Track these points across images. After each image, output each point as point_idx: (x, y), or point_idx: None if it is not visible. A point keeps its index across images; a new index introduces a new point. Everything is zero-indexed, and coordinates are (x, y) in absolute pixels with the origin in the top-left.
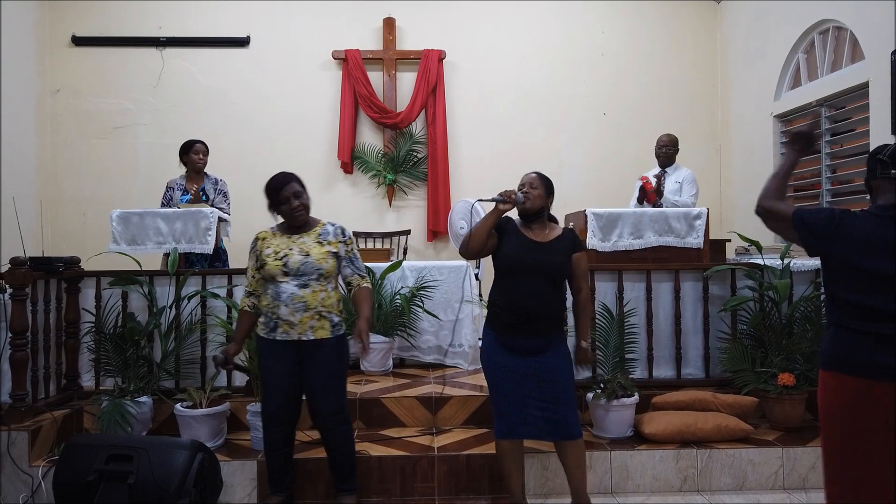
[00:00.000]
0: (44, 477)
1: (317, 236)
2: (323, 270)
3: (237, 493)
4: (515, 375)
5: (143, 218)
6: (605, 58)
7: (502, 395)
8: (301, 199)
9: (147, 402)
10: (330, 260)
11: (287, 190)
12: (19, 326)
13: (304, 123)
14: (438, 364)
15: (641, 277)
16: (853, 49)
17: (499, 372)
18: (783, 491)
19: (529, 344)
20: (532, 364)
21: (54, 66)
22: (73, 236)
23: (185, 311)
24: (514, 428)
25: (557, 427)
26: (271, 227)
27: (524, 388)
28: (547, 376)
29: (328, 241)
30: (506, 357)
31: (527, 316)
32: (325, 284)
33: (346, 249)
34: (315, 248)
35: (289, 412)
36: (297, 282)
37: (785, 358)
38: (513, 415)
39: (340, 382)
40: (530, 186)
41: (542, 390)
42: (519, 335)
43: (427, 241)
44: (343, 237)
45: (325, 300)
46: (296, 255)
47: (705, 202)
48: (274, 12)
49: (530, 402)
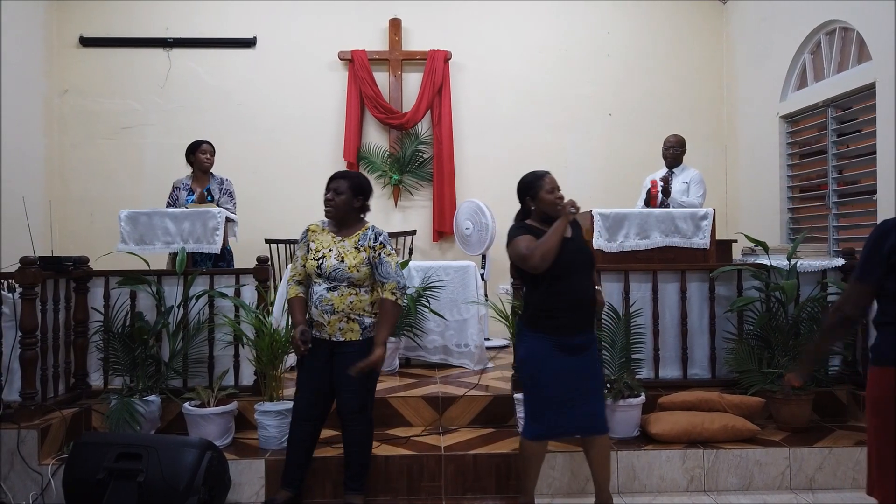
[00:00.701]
0: (53, 475)
1: (356, 241)
2: (354, 279)
3: (245, 492)
4: (568, 378)
5: (151, 218)
6: (611, 58)
7: (546, 398)
8: (336, 196)
9: (155, 400)
10: (363, 268)
11: (331, 184)
12: (29, 325)
13: (310, 124)
14: (444, 364)
15: (648, 278)
16: (860, 49)
17: (550, 375)
18: (790, 491)
19: (584, 339)
20: (582, 360)
21: (62, 67)
22: (80, 236)
23: (193, 310)
24: (550, 430)
25: (593, 420)
26: (322, 221)
27: (571, 386)
28: (591, 370)
29: (364, 247)
30: (559, 359)
31: (584, 310)
32: (356, 289)
33: (374, 254)
34: (351, 255)
35: (317, 409)
36: (328, 285)
37: (792, 358)
38: (552, 417)
39: (366, 383)
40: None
41: (586, 384)
42: (577, 333)
43: (433, 242)
44: (374, 242)
45: (354, 304)
46: (332, 258)
47: (711, 203)
48: (280, 13)
49: (572, 400)
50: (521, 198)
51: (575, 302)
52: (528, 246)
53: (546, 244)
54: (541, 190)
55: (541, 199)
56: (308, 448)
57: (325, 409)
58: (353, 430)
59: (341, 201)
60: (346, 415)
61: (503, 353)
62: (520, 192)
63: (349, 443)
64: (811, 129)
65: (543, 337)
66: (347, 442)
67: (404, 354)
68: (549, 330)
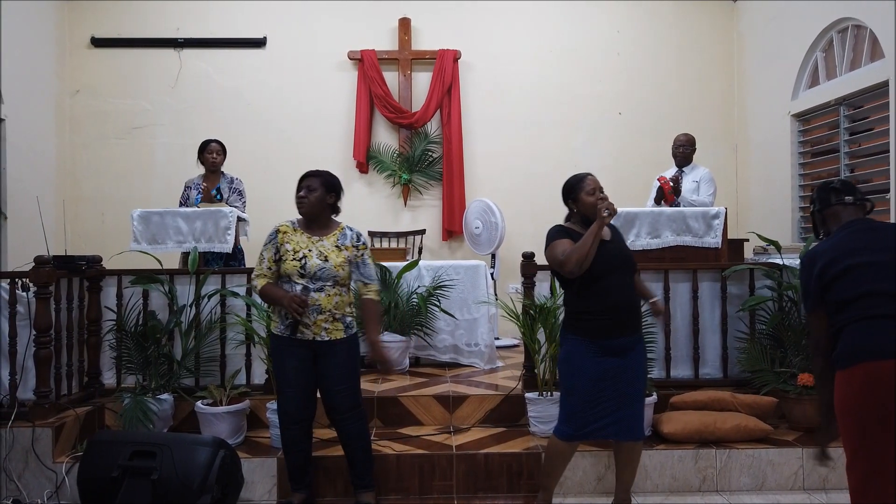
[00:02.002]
0: (68, 473)
1: (335, 240)
2: (339, 278)
3: (257, 490)
4: (604, 379)
5: (163, 217)
6: (621, 57)
7: (582, 399)
8: (309, 193)
9: (168, 399)
10: (346, 267)
11: (303, 182)
12: (43, 324)
13: (320, 123)
14: (455, 363)
15: (659, 277)
16: (873, 47)
17: (584, 378)
18: (803, 491)
19: (625, 342)
20: (623, 363)
21: (73, 68)
22: (92, 235)
23: (205, 309)
24: (581, 432)
25: (630, 425)
26: (291, 221)
27: (610, 390)
28: (633, 374)
29: (345, 247)
30: (597, 362)
31: (624, 313)
32: (339, 289)
33: (356, 254)
34: (333, 254)
35: (304, 409)
36: (314, 285)
37: (804, 358)
38: (585, 419)
39: (354, 379)
40: (601, 191)
41: (623, 389)
42: (618, 335)
43: (442, 241)
44: (357, 241)
45: (339, 304)
46: (314, 258)
47: (722, 202)
48: (290, 13)
49: (609, 404)
50: (565, 201)
51: (611, 304)
52: (564, 251)
53: (581, 249)
54: (581, 192)
55: (581, 201)
56: (305, 449)
57: (312, 410)
58: (352, 428)
59: (315, 198)
60: (343, 413)
61: (513, 352)
62: (563, 195)
63: (350, 441)
64: (823, 128)
65: (580, 339)
66: (347, 441)
67: (414, 353)
68: (585, 332)
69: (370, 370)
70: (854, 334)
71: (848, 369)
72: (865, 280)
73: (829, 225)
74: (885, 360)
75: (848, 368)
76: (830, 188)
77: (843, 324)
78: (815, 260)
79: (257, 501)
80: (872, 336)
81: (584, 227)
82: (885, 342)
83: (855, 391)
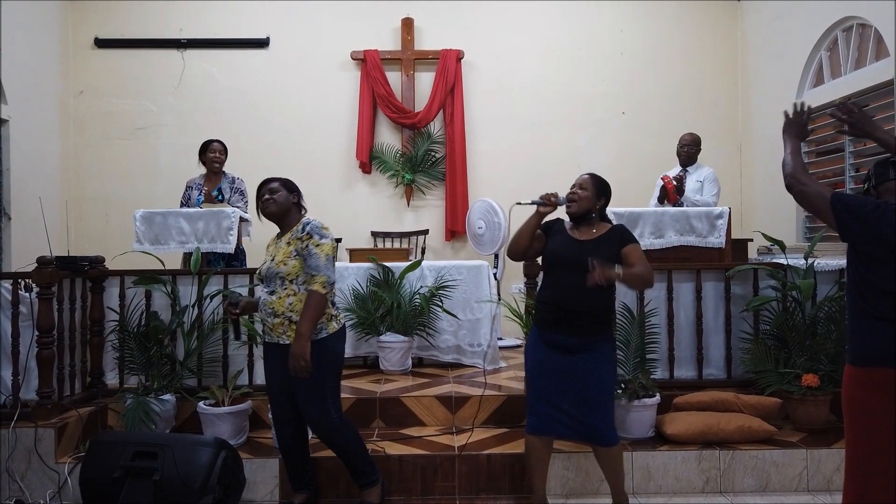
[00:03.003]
0: (70, 473)
1: (289, 236)
2: (282, 273)
3: (259, 491)
4: (549, 372)
5: (165, 218)
6: (624, 57)
7: (534, 390)
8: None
9: (170, 399)
10: (290, 261)
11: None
12: (46, 325)
13: (323, 123)
14: (457, 364)
15: (662, 277)
16: (878, 46)
17: (534, 367)
18: (807, 493)
19: (567, 341)
20: (567, 362)
21: (77, 68)
22: (96, 236)
23: (208, 310)
24: (543, 425)
25: (588, 431)
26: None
27: (556, 385)
28: (579, 376)
29: (293, 240)
30: (543, 352)
31: (564, 311)
32: (291, 287)
33: (301, 246)
34: (281, 251)
35: (289, 411)
36: (267, 288)
37: (809, 359)
38: (542, 411)
39: (320, 390)
40: (580, 188)
41: (574, 390)
42: (558, 331)
43: (445, 241)
44: (302, 232)
45: (293, 305)
46: (268, 261)
47: (726, 202)
48: (293, 13)
49: (560, 401)
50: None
51: (557, 301)
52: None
53: (517, 232)
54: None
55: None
56: (299, 449)
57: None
58: (326, 439)
59: (280, 197)
60: (311, 423)
61: (516, 352)
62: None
63: (334, 449)
64: (828, 127)
65: (534, 329)
66: (332, 449)
67: (417, 354)
68: (538, 322)
69: (371, 371)
70: (884, 336)
71: (866, 368)
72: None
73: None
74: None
75: (866, 368)
76: (890, 162)
77: (874, 316)
78: (887, 216)
79: (259, 502)
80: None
81: (572, 223)
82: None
83: (870, 394)
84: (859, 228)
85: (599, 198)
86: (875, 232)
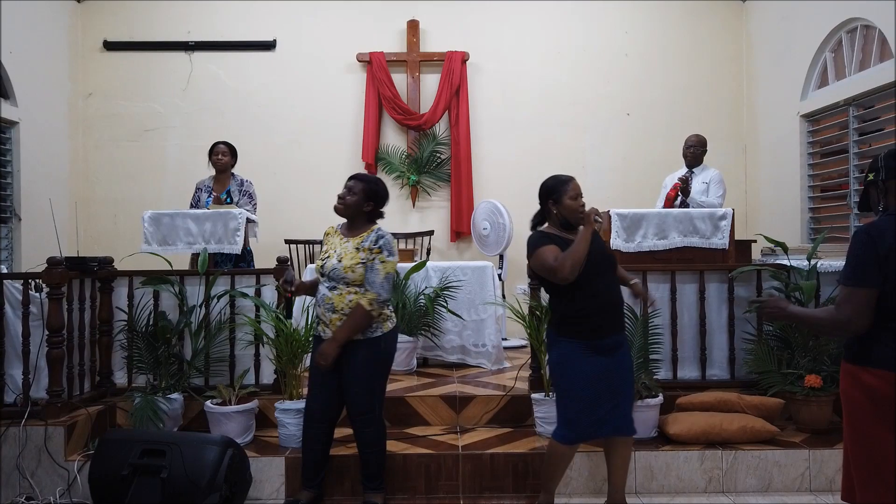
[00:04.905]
0: (79, 471)
1: (359, 242)
2: (348, 280)
3: (265, 489)
4: (597, 379)
5: (173, 219)
6: (629, 58)
7: (581, 403)
8: (348, 194)
9: (178, 398)
10: (358, 269)
11: (348, 181)
12: (56, 324)
13: (329, 125)
14: (462, 364)
15: (666, 278)
16: (882, 48)
17: (584, 380)
18: (810, 493)
19: (616, 340)
20: (613, 361)
21: (86, 71)
22: (105, 237)
23: (215, 310)
24: (583, 434)
25: (625, 420)
26: (339, 225)
27: (605, 386)
28: (623, 370)
29: (364, 249)
30: (591, 363)
31: (610, 313)
32: (355, 288)
33: (369, 257)
34: (349, 255)
35: (327, 410)
36: (329, 284)
37: (812, 359)
38: (586, 421)
39: (369, 383)
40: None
41: (617, 385)
42: (606, 334)
43: (450, 242)
44: (374, 244)
45: (352, 303)
46: (333, 259)
47: (731, 203)
48: (299, 16)
49: (609, 399)
50: (543, 201)
51: (603, 305)
52: (556, 257)
53: (575, 255)
54: (565, 195)
55: (564, 204)
56: (324, 449)
57: (339, 410)
58: (363, 432)
59: (351, 201)
60: (354, 416)
61: (521, 352)
62: (542, 194)
63: (363, 444)
64: (832, 129)
65: (573, 341)
66: (361, 444)
67: (422, 354)
68: (578, 334)
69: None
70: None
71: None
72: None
73: (890, 198)
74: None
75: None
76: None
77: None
78: (877, 240)
79: (265, 500)
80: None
81: (562, 231)
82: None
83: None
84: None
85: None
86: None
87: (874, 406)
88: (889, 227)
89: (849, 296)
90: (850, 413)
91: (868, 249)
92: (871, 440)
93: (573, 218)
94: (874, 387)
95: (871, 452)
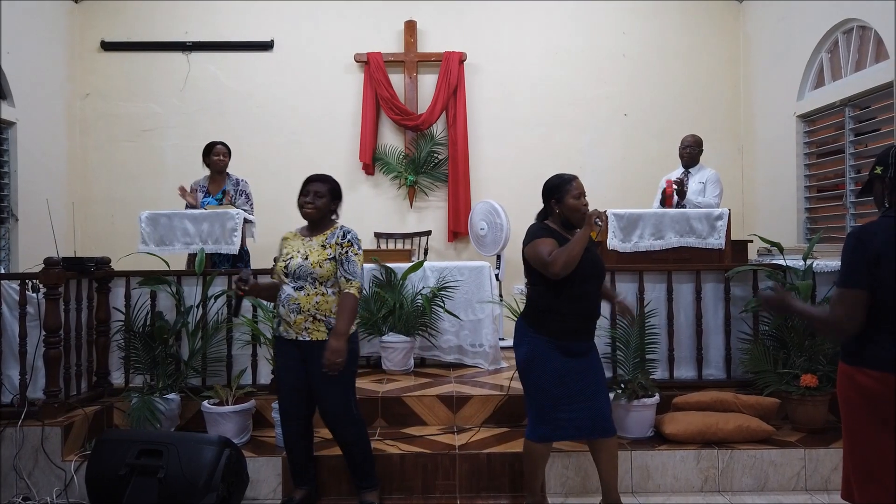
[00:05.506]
0: (76, 471)
1: (324, 239)
2: (316, 275)
3: (262, 489)
4: (566, 378)
5: (171, 219)
6: (627, 59)
7: (548, 399)
8: (317, 199)
9: (175, 399)
10: (326, 264)
11: (310, 185)
12: (53, 325)
13: (327, 125)
14: (459, 364)
15: (662, 278)
16: (878, 48)
17: (551, 377)
18: (805, 492)
19: (586, 346)
20: (581, 363)
21: (84, 71)
22: (102, 237)
23: (212, 310)
24: (555, 432)
25: (598, 421)
26: (297, 228)
27: (575, 386)
28: (594, 371)
29: (330, 245)
30: (559, 361)
31: (591, 320)
32: (321, 288)
33: (341, 251)
34: (315, 252)
35: (300, 408)
36: (295, 284)
37: (807, 359)
38: (557, 418)
39: (340, 384)
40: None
41: (587, 385)
42: (578, 339)
43: (448, 242)
44: (342, 239)
45: (320, 304)
46: (298, 258)
47: (728, 203)
48: (297, 16)
49: (579, 401)
50: (546, 199)
51: (582, 310)
52: (550, 252)
53: (570, 252)
54: (567, 194)
55: (566, 203)
56: (305, 446)
57: (310, 408)
58: (343, 434)
59: (322, 204)
60: (330, 417)
61: None
62: (545, 193)
63: (344, 444)
64: (828, 129)
65: (543, 338)
66: (342, 444)
67: (419, 354)
68: (550, 332)
69: (374, 371)
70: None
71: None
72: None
73: (891, 195)
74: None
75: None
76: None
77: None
78: (867, 243)
79: (262, 500)
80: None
81: (563, 230)
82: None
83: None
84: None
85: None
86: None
87: (870, 407)
88: (880, 230)
89: (840, 297)
90: (846, 414)
91: (857, 252)
92: (868, 441)
93: (574, 218)
94: (870, 388)
95: (868, 453)
